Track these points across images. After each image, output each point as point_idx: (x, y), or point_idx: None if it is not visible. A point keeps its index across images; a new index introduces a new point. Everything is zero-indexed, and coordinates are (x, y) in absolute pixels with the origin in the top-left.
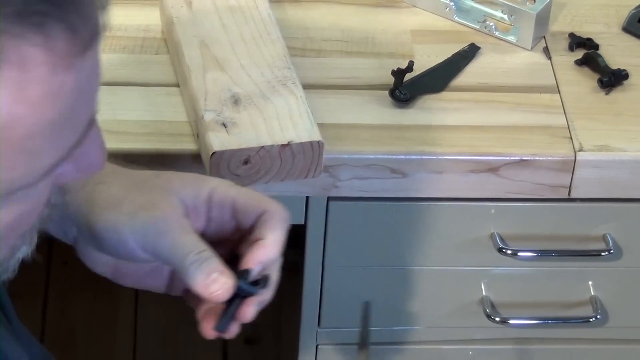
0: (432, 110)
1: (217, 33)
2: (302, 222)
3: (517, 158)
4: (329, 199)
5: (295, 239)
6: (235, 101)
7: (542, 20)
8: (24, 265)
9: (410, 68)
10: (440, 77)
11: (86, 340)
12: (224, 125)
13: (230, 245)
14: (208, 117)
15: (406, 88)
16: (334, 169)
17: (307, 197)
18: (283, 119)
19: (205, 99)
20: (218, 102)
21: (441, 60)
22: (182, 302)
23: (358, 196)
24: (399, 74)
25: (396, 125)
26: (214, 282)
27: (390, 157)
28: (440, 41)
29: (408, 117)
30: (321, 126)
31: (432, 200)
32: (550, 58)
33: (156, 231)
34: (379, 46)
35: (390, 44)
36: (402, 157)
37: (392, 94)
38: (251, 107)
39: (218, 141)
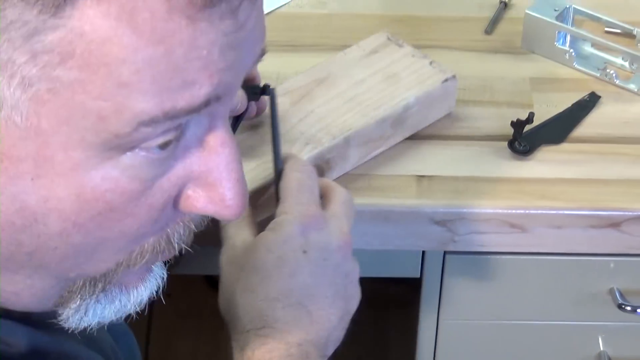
0: (552, 162)
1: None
2: (418, 276)
3: (639, 213)
4: (445, 252)
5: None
6: None
7: None
8: None
9: (530, 120)
10: (560, 128)
11: None
12: None
13: None
14: None
15: (525, 139)
16: (452, 223)
17: (423, 251)
18: None
19: None
20: None
21: (561, 110)
22: None
23: (475, 250)
24: (518, 125)
25: (515, 178)
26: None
27: (509, 211)
28: (559, 90)
29: (527, 169)
30: (438, 178)
31: (550, 254)
32: None
33: None
34: (497, 94)
35: (509, 93)
36: (521, 211)
37: (511, 145)
38: None
39: None
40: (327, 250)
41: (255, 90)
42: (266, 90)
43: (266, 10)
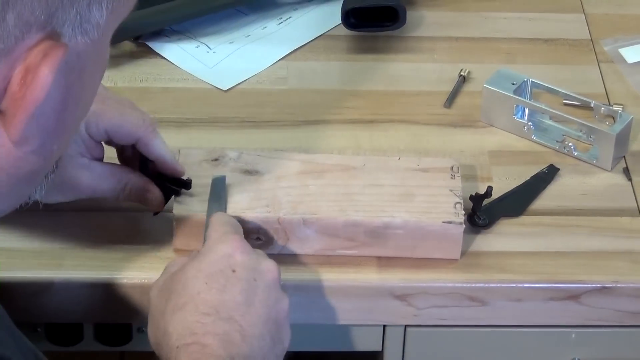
0: (511, 235)
1: None
2: (380, 349)
3: (598, 285)
4: (406, 326)
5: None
6: None
7: (622, 140)
8: None
9: (489, 194)
10: (519, 201)
11: None
12: None
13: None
14: None
15: (484, 213)
16: (413, 298)
17: (384, 325)
18: None
19: None
20: None
21: (520, 183)
22: None
23: (436, 324)
24: (477, 199)
25: (474, 251)
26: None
27: (469, 285)
28: (518, 162)
29: (486, 242)
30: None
31: (510, 327)
32: (630, 179)
33: None
34: None
35: (468, 166)
36: (481, 285)
37: (470, 219)
38: None
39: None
40: (256, 270)
41: (177, 184)
42: (188, 184)
43: (227, 86)
